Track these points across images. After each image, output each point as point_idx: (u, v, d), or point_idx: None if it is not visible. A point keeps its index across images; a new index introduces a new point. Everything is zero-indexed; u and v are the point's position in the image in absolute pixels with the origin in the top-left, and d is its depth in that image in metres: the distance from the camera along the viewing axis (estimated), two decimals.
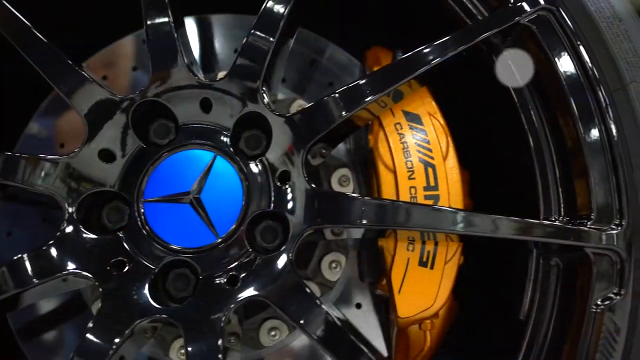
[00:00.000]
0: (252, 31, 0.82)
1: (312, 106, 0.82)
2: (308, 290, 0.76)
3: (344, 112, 0.80)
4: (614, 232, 0.75)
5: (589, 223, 0.76)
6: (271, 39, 0.82)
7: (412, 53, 0.82)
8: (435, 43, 0.81)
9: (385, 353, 0.95)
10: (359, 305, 0.97)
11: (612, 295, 0.74)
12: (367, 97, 0.80)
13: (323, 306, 0.74)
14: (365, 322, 0.97)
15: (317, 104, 0.81)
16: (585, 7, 0.81)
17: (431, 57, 0.81)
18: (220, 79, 0.83)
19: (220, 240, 0.80)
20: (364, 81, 0.81)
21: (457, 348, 0.96)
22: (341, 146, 0.99)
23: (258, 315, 0.92)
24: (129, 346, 0.88)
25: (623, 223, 0.75)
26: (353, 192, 0.95)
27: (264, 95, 0.83)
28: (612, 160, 0.77)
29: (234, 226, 0.80)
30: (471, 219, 0.77)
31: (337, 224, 0.80)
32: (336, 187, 0.95)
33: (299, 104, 0.98)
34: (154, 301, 0.76)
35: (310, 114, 0.82)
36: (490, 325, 1.03)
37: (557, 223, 0.79)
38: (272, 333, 0.91)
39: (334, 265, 0.93)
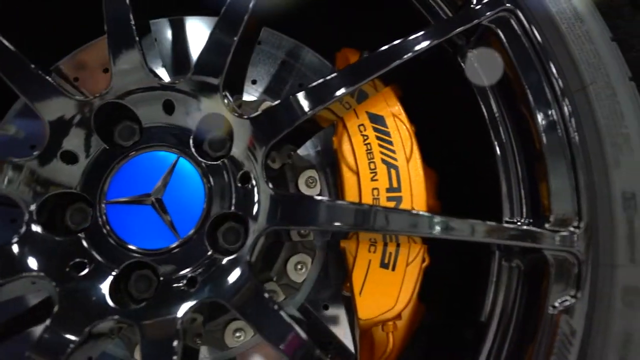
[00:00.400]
0: (213, 32, 0.82)
1: (272, 108, 0.82)
2: (264, 293, 0.76)
3: (303, 114, 0.80)
4: (572, 234, 0.74)
5: (547, 225, 0.75)
6: (233, 39, 0.82)
7: (372, 54, 0.82)
8: (397, 43, 0.81)
9: (352, 354, 0.95)
10: (326, 307, 0.97)
11: (569, 298, 0.73)
12: (326, 99, 0.80)
13: (280, 310, 0.74)
14: (333, 323, 0.96)
15: (276, 106, 0.82)
16: (547, 8, 0.81)
17: (392, 57, 0.81)
18: (182, 81, 0.83)
19: (181, 241, 0.80)
20: (322, 82, 0.81)
21: (426, 349, 0.96)
22: (309, 148, 0.99)
23: (224, 316, 0.92)
24: (96, 346, 0.88)
25: (581, 225, 0.75)
26: (320, 194, 0.95)
27: (226, 96, 0.83)
28: (572, 162, 0.77)
29: (195, 228, 0.80)
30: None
31: (295, 225, 0.80)
32: (303, 188, 0.95)
33: (268, 105, 0.98)
34: (114, 302, 0.77)
35: (270, 115, 0.82)
36: (458, 327, 1.02)
37: (517, 225, 0.78)
38: (237, 334, 0.91)
39: (299, 266, 0.93)
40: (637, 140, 0.76)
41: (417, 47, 0.81)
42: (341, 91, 0.80)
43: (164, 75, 0.95)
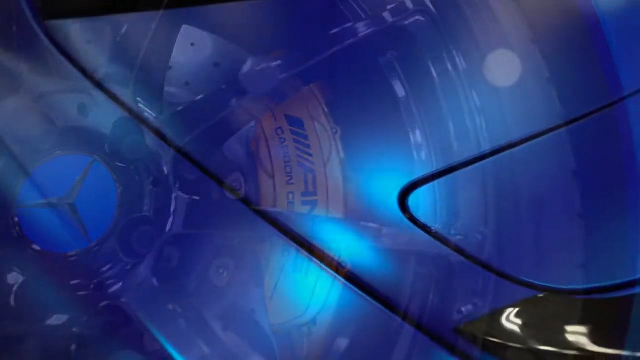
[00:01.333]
0: (124, 30, 0.81)
1: (185, 108, 0.81)
2: (169, 304, 0.75)
3: (216, 113, 0.80)
4: (477, 240, 0.73)
5: (452, 231, 0.74)
6: (146, 36, 0.81)
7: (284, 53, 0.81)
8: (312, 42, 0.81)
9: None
10: (253, 310, 0.96)
11: (471, 307, 0.72)
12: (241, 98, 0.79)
13: (182, 319, 0.74)
14: (259, 327, 0.95)
15: (189, 106, 0.81)
16: (461, 8, 0.79)
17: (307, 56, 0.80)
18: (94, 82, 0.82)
19: (92, 245, 0.80)
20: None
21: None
22: (237, 150, 0.98)
23: None
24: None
25: (486, 232, 0.73)
26: (245, 198, 0.94)
27: (139, 98, 0.82)
28: (481, 166, 0.75)
29: (106, 232, 0.80)
30: None
31: (205, 230, 0.79)
32: (227, 192, 0.93)
33: None
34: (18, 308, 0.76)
35: (183, 116, 0.81)
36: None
37: (426, 231, 0.77)
38: None
39: (221, 270, 0.92)
40: (549, 143, 0.74)
41: (332, 46, 0.80)
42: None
43: None
